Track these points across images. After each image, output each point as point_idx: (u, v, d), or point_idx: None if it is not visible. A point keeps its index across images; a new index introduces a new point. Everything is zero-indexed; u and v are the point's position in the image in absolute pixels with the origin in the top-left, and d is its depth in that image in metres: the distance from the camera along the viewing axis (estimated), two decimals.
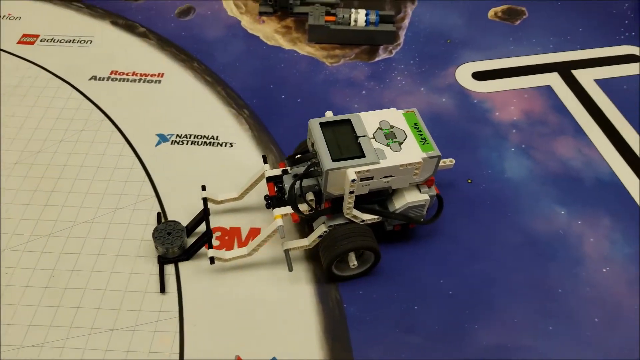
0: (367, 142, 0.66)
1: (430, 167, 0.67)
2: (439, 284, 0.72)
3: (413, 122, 0.70)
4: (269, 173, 0.73)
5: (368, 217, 0.68)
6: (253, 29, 1.09)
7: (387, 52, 1.05)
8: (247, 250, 0.71)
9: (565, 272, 0.73)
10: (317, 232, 0.69)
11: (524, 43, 1.08)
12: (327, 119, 0.69)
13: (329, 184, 0.64)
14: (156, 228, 0.73)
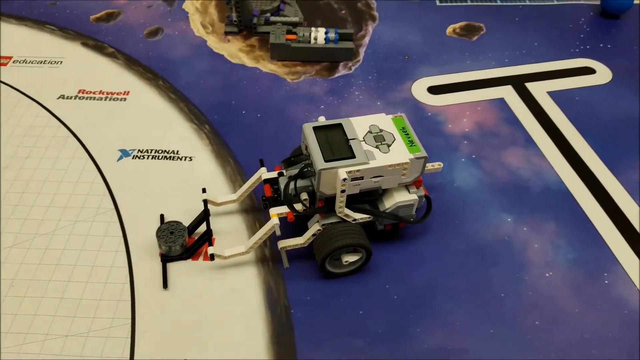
0: (358, 144, 0.70)
1: (418, 167, 0.71)
2: (385, 289, 0.74)
3: (401, 126, 0.74)
4: (266, 175, 0.78)
5: (359, 216, 0.73)
6: (218, 48, 1.13)
7: (347, 69, 1.09)
8: (245, 248, 0.74)
9: (508, 277, 0.75)
10: (311, 231, 0.73)
11: (480, 58, 1.12)
12: (319, 124, 0.73)
13: (321, 184, 0.68)
14: (159, 227, 0.76)
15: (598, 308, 0.72)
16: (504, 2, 1.27)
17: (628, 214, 0.83)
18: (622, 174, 0.88)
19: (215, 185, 0.85)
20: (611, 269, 0.76)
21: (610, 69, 1.09)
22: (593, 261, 0.77)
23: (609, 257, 0.77)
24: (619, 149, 0.92)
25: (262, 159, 0.83)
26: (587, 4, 1.27)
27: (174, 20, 1.20)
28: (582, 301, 0.72)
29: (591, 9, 1.25)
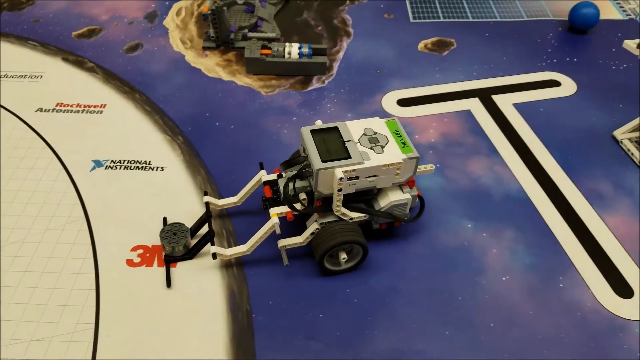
0: (353, 146, 0.74)
1: (410, 167, 0.75)
2: (345, 293, 0.75)
3: (394, 129, 0.78)
4: (266, 178, 0.81)
5: (356, 215, 0.76)
6: (196, 62, 1.16)
7: (320, 82, 1.12)
8: (246, 247, 0.77)
9: (466, 281, 0.77)
10: (309, 230, 0.76)
11: (449, 72, 1.15)
12: (316, 127, 0.77)
13: (319, 184, 0.72)
14: (163, 229, 0.79)
15: (552, 311, 0.73)
16: (475, 19, 1.31)
17: (585, 220, 0.85)
18: (581, 183, 0.91)
19: (184, 194, 0.88)
20: (567, 274, 0.78)
21: (575, 82, 1.12)
22: (549, 266, 0.79)
23: (565, 262, 0.79)
24: (579, 158, 0.95)
25: (262, 162, 0.87)
26: (556, 20, 1.31)
27: (154, 36, 1.24)
28: (537, 304, 0.74)
29: (559, 24, 1.29)
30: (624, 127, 0.98)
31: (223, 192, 0.88)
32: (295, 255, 0.79)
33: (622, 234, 0.83)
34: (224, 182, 0.90)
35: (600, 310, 0.74)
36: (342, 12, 1.34)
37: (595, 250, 0.81)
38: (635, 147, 0.95)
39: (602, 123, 1.02)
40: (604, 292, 0.76)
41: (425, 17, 1.32)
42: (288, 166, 0.79)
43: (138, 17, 1.29)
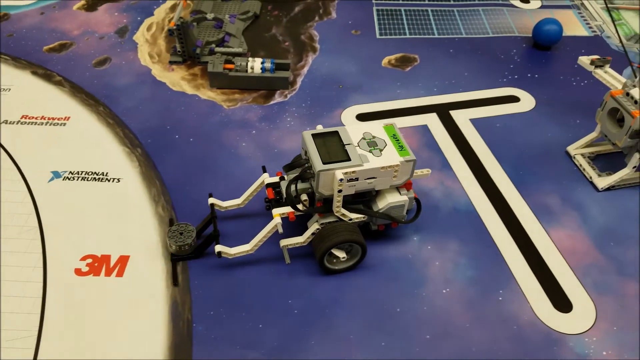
0: (353, 149, 0.77)
1: (407, 170, 0.78)
2: (287, 303, 0.76)
3: (392, 133, 0.81)
4: (268, 180, 0.84)
5: (355, 215, 0.79)
6: (162, 76, 1.18)
7: (283, 96, 1.14)
8: (249, 247, 0.80)
9: (407, 292, 0.78)
10: (310, 230, 0.80)
11: (410, 87, 1.17)
12: (318, 131, 0.80)
13: (320, 185, 0.75)
14: (170, 229, 0.82)
15: (489, 323, 0.74)
16: (441, 35, 1.34)
17: (531, 234, 0.86)
18: (530, 197, 0.92)
19: (138, 205, 0.89)
20: (507, 287, 0.79)
21: (534, 98, 1.14)
22: (490, 279, 0.80)
23: (507, 276, 0.80)
24: (531, 173, 0.96)
25: (265, 165, 0.90)
26: (520, 37, 1.33)
27: (123, 50, 1.26)
28: (474, 317, 0.75)
29: (524, 41, 1.31)
30: (577, 143, 0.99)
31: (176, 204, 0.90)
32: (241, 264, 0.81)
33: (565, 248, 0.84)
34: (178, 194, 0.91)
35: (537, 324, 0.74)
36: (310, 28, 1.37)
37: (538, 264, 0.82)
38: (587, 163, 0.97)
39: (557, 138, 1.04)
40: (543, 305, 0.77)
41: (392, 34, 1.34)
42: (290, 169, 0.82)
43: (109, 32, 1.32)
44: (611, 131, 0.90)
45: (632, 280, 0.80)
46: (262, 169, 0.88)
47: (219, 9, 1.40)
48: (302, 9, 1.45)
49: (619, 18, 1.43)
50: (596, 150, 0.99)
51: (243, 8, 1.40)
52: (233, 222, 0.88)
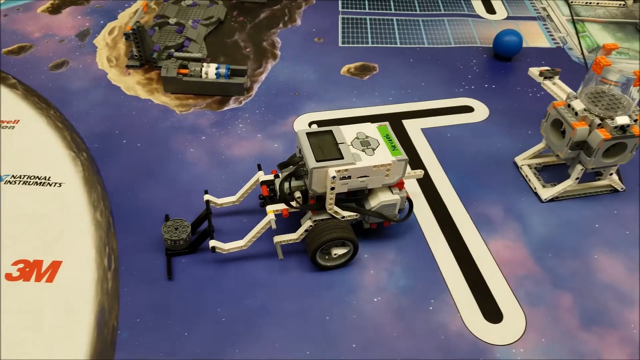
0: (346, 147, 0.78)
1: (399, 169, 0.79)
2: (216, 312, 0.76)
3: (385, 134, 0.82)
4: (263, 178, 0.86)
5: (347, 213, 0.81)
6: (117, 80, 1.18)
7: (237, 102, 1.14)
8: (243, 242, 0.81)
9: (338, 301, 0.77)
10: (303, 227, 0.81)
11: (366, 96, 1.17)
12: (312, 130, 0.81)
13: (313, 182, 0.76)
14: (165, 224, 0.83)
15: (416, 333, 0.74)
16: (403, 45, 1.34)
17: (469, 244, 0.86)
18: (473, 207, 0.92)
19: (76, 210, 0.88)
20: (439, 297, 0.78)
21: (488, 108, 1.14)
22: (423, 288, 0.79)
23: (440, 285, 0.80)
24: (476, 183, 0.96)
25: (260, 164, 0.91)
26: (482, 47, 1.33)
27: (82, 54, 1.26)
28: (403, 326, 0.74)
29: (485, 51, 1.32)
30: (524, 153, 0.99)
31: (115, 209, 0.89)
32: (175, 270, 0.80)
33: (502, 259, 0.84)
34: (118, 200, 0.91)
35: (465, 334, 0.74)
36: (273, 35, 1.37)
37: (473, 274, 0.82)
38: (533, 174, 0.97)
39: (507, 149, 1.04)
40: (473, 316, 0.76)
41: (354, 42, 1.35)
42: (284, 167, 0.82)
43: (70, 35, 1.31)
44: (554, 142, 0.90)
45: (565, 292, 0.79)
46: (257, 167, 0.89)
47: (184, 14, 1.40)
48: (267, 16, 1.45)
49: (583, 30, 1.43)
50: (543, 161, 0.99)
51: (208, 13, 1.41)
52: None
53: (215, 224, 0.86)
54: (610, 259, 0.84)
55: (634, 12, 1.51)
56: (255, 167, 0.96)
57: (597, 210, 0.92)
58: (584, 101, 0.85)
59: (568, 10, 1.51)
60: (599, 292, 0.80)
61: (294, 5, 1.50)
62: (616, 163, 0.87)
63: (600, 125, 0.83)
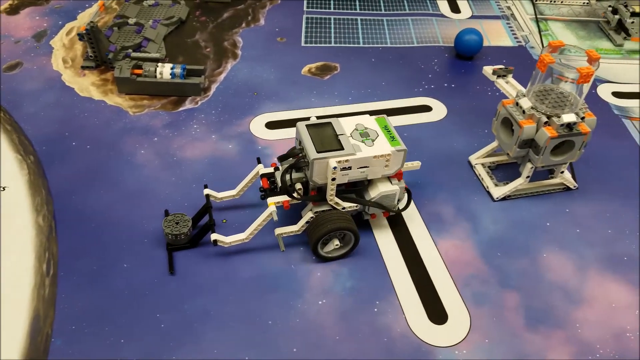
0: (346, 139, 0.79)
1: (398, 160, 0.79)
2: (155, 318, 0.74)
3: (383, 125, 0.83)
4: (263, 171, 0.86)
5: (348, 204, 0.82)
6: (71, 82, 1.16)
7: (193, 103, 1.12)
8: (245, 235, 0.81)
9: (282, 304, 0.76)
10: (305, 219, 0.82)
11: (326, 96, 1.16)
12: (312, 122, 0.82)
13: (314, 173, 0.77)
14: (166, 218, 0.83)
15: (359, 336, 0.72)
16: (365, 44, 1.33)
17: (418, 244, 0.85)
18: (424, 206, 0.91)
19: (18, 214, 0.86)
20: (385, 298, 0.77)
21: (446, 107, 1.13)
22: (369, 290, 0.78)
23: (387, 286, 0.79)
24: (428, 183, 0.95)
25: (259, 157, 0.92)
26: (444, 46, 1.33)
27: (37, 55, 1.23)
28: (346, 329, 0.73)
29: (447, 50, 1.31)
30: (478, 152, 0.99)
31: (58, 213, 0.87)
32: (105, 276, 0.78)
33: (450, 259, 0.83)
34: (62, 203, 0.89)
35: (409, 336, 0.73)
36: (235, 35, 1.35)
37: (421, 274, 0.81)
38: (486, 172, 0.96)
39: (462, 148, 1.03)
40: (418, 317, 0.75)
41: (317, 42, 1.33)
42: (284, 159, 0.82)
43: (26, 36, 1.29)
44: (505, 141, 0.89)
45: (512, 291, 0.79)
46: (256, 160, 0.89)
47: (145, 14, 1.38)
48: (230, 15, 1.43)
49: (546, 29, 1.43)
50: (497, 160, 0.98)
51: (169, 13, 1.39)
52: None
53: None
54: (559, 257, 0.84)
55: (597, 10, 1.51)
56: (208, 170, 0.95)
57: (549, 208, 0.92)
58: (531, 99, 0.84)
59: (532, 9, 1.51)
60: (546, 291, 0.79)
61: (259, 5, 1.48)
62: (565, 161, 0.87)
63: (547, 123, 0.82)
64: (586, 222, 0.90)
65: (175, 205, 0.89)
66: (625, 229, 0.89)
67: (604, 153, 1.04)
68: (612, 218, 0.91)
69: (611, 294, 0.80)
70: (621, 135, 1.09)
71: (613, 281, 0.81)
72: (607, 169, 1.00)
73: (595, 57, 0.81)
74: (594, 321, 0.76)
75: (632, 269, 0.83)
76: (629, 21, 1.38)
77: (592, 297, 0.79)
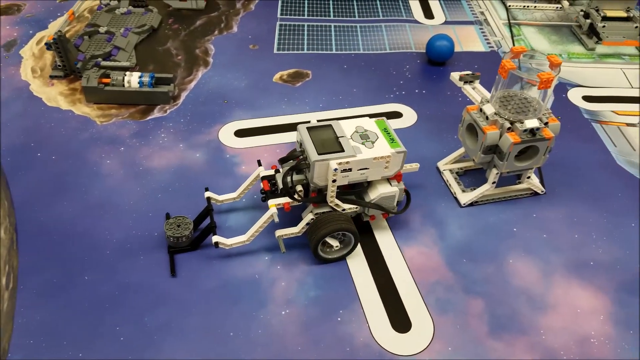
0: (346, 141, 0.79)
1: (398, 161, 0.80)
2: (114, 330, 0.73)
3: (383, 127, 0.83)
4: (264, 173, 0.87)
5: (348, 206, 0.82)
6: (39, 92, 1.14)
7: (162, 111, 1.11)
8: (246, 237, 0.81)
9: (245, 315, 0.75)
10: (305, 220, 0.82)
11: (297, 103, 1.15)
12: (312, 125, 0.82)
13: (315, 175, 0.77)
14: (167, 221, 0.83)
15: (321, 346, 0.72)
16: (338, 51, 1.33)
17: (384, 251, 0.84)
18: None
19: None
20: (349, 307, 0.76)
21: (416, 113, 1.13)
22: (333, 299, 0.77)
23: (351, 295, 0.78)
24: None
25: (260, 159, 0.92)
26: (416, 52, 1.33)
27: (6, 65, 1.22)
28: (308, 339, 0.72)
29: (419, 56, 1.31)
30: (446, 158, 0.99)
31: (20, 225, 0.85)
32: (65, 290, 0.77)
33: (416, 266, 0.83)
34: (25, 215, 0.87)
35: (372, 345, 0.72)
36: (207, 42, 1.34)
37: (386, 282, 0.80)
38: (454, 178, 0.96)
39: (431, 154, 1.03)
40: (381, 326, 0.75)
41: (290, 49, 1.33)
42: (284, 162, 0.82)
43: None
44: (470, 147, 0.89)
45: (476, 298, 0.79)
46: (257, 163, 0.90)
47: (117, 22, 1.37)
48: (203, 23, 1.43)
49: (518, 34, 1.44)
50: (465, 165, 0.98)
51: (141, 21, 1.38)
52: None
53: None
54: (525, 263, 0.84)
55: (570, 14, 1.53)
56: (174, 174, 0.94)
57: (516, 214, 0.92)
58: (495, 105, 0.85)
59: (506, 14, 1.52)
60: (512, 297, 0.79)
61: (232, 12, 1.48)
62: (530, 166, 0.87)
63: (510, 129, 0.82)
64: (553, 227, 0.90)
65: (139, 216, 0.88)
66: (592, 233, 0.90)
67: (573, 157, 1.04)
68: (579, 222, 0.91)
69: (576, 299, 0.80)
70: (590, 139, 1.09)
71: (578, 287, 0.81)
72: (575, 173, 1.01)
73: (556, 62, 0.81)
74: (558, 327, 0.76)
75: (597, 274, 0.83)
76: (600, 25, 1.39)
77: (557, 303, 0.79)
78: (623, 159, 1.05)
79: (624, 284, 0.82)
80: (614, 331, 0.76)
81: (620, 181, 1.00)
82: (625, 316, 0.77)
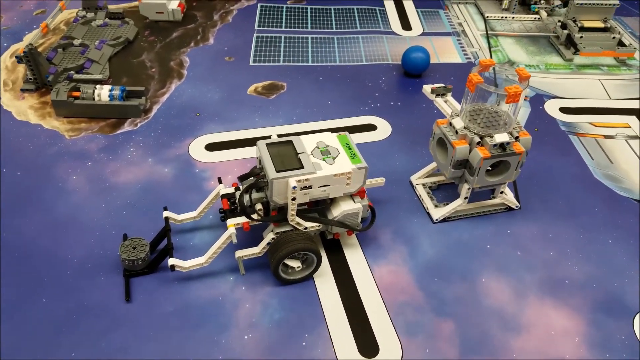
0: (306, 157, 0.77)
1: (360, 177, 0.78)
2: (70, 356, 0.70)
3: (345, 142, 0.82)
4: (224, 191, 0.84)
5: (310, 224, 0.80)
6: (9, 105, 1.12)
7: (133, 125, 1.09)
8: (204, 259, 0.79)
9: (206, 340, 0.72)
10: (266, 240, 0.80)
11: (270, 115, 1.13)
12: (272, 140, 0.80)
13: (274, 193, 0.75)
14: (122, 244, 0.80)
15: None
16: (314, 63, 1.31)
17: (353, 270, 0.82)
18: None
19: None
20: (315, 330, 0.74)
21: (391, 126, 1.12)
22: (298, 321, 0.75)
23: (318, 317, 0.76)
24: None
25: (220, 177, 0.90)
26: (393, 64, 1.31)
27: None
28: None
29: (395, 68, 1.30)
30: (419, 172, 0.97)
31: None
32: (30, 310, 0.74)
33: (385, 285, 0.80)
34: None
35: None
36: (182, 54, 1.32)
37: (354, 303, 0.78)
38: (427, 193, 0.94)
39: (404, 167, 1.01)
40: (348, 350, 0.72)
41: (266, 61, 1.31)
42: (245, 179, 0.80)
43: None
44: (441, 162, 0.88)
45: (447, 319, 0.76)
46: (217, 180, 0.88)
47: (93, 34, 1.35)
48: (180, 35, 1.41)
49: (496, 45, 1.43)
50: (438, 180, 0.96)
51: (117, 34, 1.36)
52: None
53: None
54: (498, 282, 0.82)
55: (548, 25, 1.52)
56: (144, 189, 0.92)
57: (490, 230, 0.90)
58: (464, 119, 0.83)
59: (484, 25, 1.51)
60: (483, 318, 0.77)
61: (209, 24, 1.46)
62: (502, 181, 0.85)
63: (480, 144, 0.81)
64: (527, 244, 0.88)
65: (102, 234, 0.86)
66: (567, 250, 0.88)
67: (549, 170, 1.03)
68: (554, 239, 0.90)
69: (550, 320, 0.78)
70: (567, 152, 1.08)
71: (552, 307, 0.79)
72: (551, 187, 0.99)
73: (525, 75, 0.80)
74: (531, 350, 0.74)
75: (572, 294, 0.81)
76: (578, 36, 1.39)
77: (531, 324, 0.77)
78: (600, 172, 1.04)
79: (599, 304, 0.80)
80: (589, 354, 0.74)
81: (597, 196, 0.98)
82: (600, 339, 0.75)
